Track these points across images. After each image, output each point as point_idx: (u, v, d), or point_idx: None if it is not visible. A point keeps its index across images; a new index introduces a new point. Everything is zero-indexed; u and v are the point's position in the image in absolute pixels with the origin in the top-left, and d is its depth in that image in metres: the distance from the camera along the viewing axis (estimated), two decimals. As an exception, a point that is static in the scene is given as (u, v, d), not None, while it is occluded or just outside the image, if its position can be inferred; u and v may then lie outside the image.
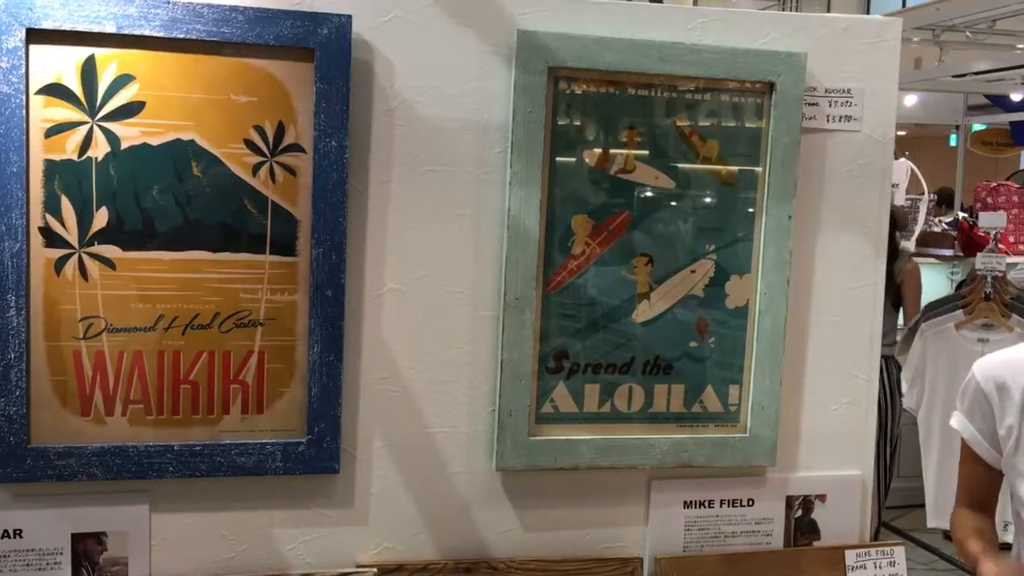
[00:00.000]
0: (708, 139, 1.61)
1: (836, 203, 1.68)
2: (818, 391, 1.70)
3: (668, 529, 1.66)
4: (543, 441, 1.59)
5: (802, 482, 1.71)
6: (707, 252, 1.63)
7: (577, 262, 1.59)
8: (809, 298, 1.68)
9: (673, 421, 1.64)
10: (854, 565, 1.68)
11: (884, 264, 1.71)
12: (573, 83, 1.55)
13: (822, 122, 1.65)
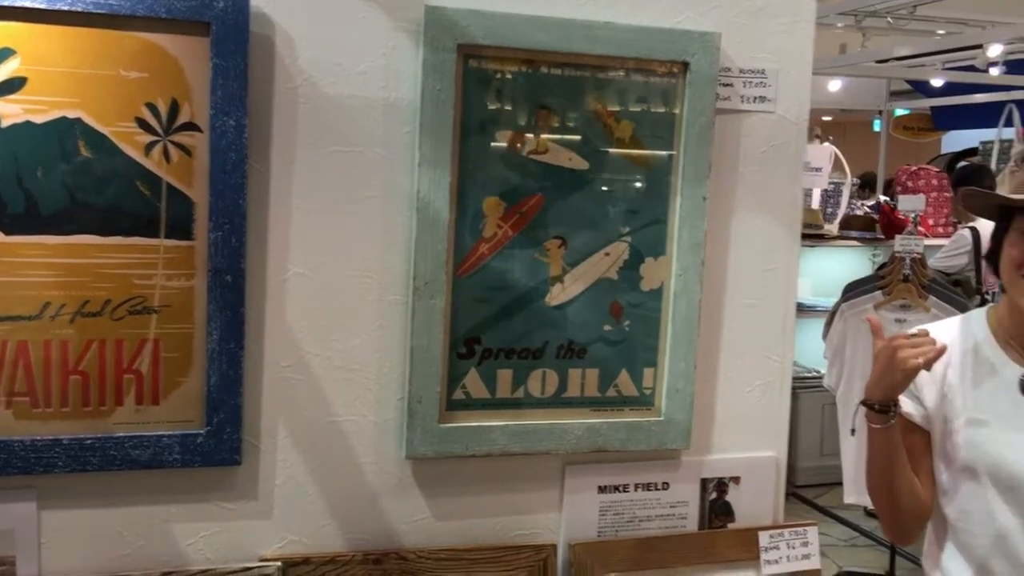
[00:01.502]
0: (622, 120, 1.58)
1: (750, 184, 1.67)
2: (733, 373, 1.70)
3: (582, 514, 1.65)
4: (454, 428, 1.55)
5: (717, 464, 1.70)
6: (621, 234, 1.60)
7: (488, 245, 1.55)
8: (724, 280, 1.68)
9: (587, 405, 1.62)
10: (767, 546, 1.69)
11: (798, 245, 1.71)
12: (484, 61, 1.51)
13: (736, 103, 1.63)
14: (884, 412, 1.61)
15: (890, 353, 1.58)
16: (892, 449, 1.64)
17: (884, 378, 1.59)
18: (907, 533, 1.73)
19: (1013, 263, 1.59)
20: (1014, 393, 1.64)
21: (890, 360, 1.57)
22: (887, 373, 1.59)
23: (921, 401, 1.68)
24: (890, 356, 1.58)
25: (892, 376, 1.58)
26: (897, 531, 1.73)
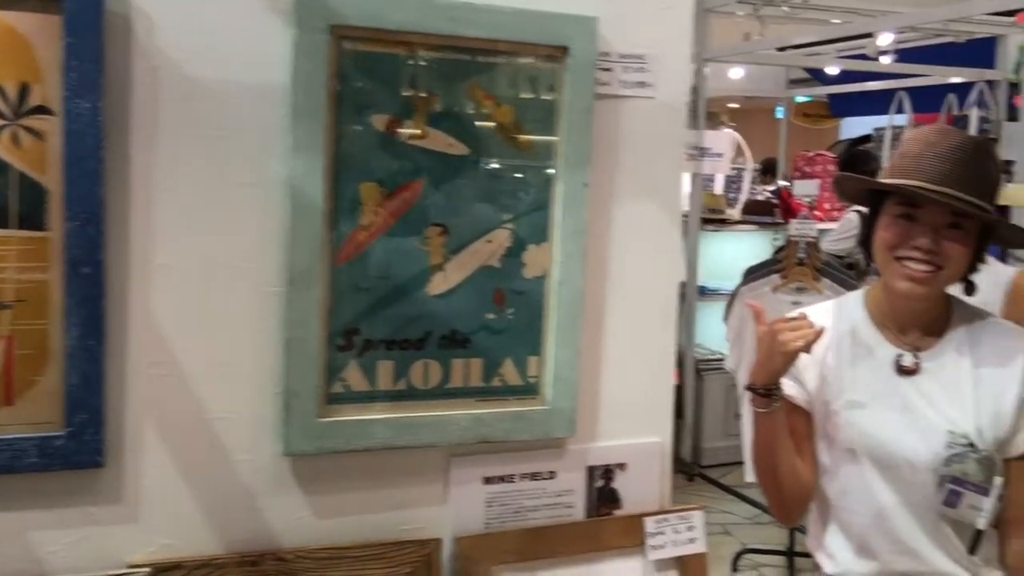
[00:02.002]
0: (503, 105, 1.55)
1: (632, 170, 1.66)
2: (617, 360, 1.69)
3: (468, 507, 1.62)
4: (334, 423, 1.51)
5: (603, 452, 1.70)
6: (503, 221, 1.58)
7: (366, 233, 1.51)
8: (607, 266, 1.67)
9: (471, 396, 1.60)
10: (653, 531, 1.69)
11: (679, 231, 1.71)
12: (358, 43, 1.46)
13: (616, 88, 1.62)
14: (767, 396, 1.63)
15: (771, 337, 1.60)
16: (776, 432, 1.66)
17: (766, 362, 1.61)
18: (791, 513, 1.76)
19: (886, 246, 1.63)
20: (890, 373, 1.68)
21: (771, 344, 1.60)
22: (768, 357, 1.61)
23: (803, 383, 1.71)
24: (771, 340, 1.60)
25: (773, 360, 1.60)
26: (782, 511, 1.76)
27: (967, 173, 1.57)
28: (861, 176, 1.81)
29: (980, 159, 1.60)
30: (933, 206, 1.58)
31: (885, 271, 1.65)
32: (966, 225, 1.59)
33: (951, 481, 1.58)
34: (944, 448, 1.58)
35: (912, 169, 1.59)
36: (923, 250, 1.58)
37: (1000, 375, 1.63)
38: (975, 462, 1.57)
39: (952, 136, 1.61)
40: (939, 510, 1.60)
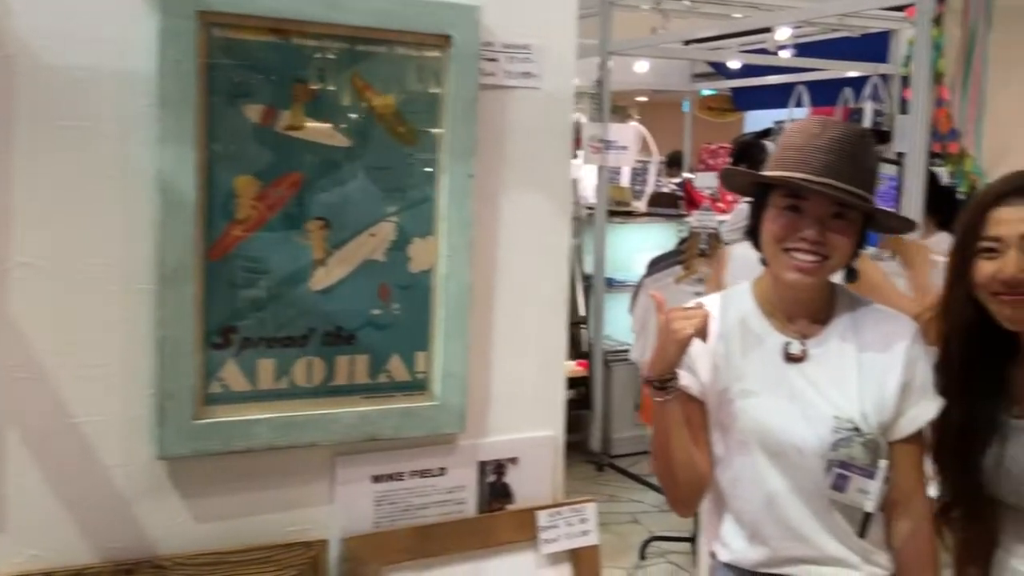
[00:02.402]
0: (384, 95, 1.52)
1: (519, 162, 1.64)
2: (508, 354, 1.68)
3: (356, 506, 1.59)
4: (211, 424, 1.45)
5: (494, 447, 1.68)
6: (387, 214, 1.54)
7: (243, 227, 1.45)
8: (495, 259, 1.65)
9: (357, 393, 1.56)
10: (545, 525, 1.68)
11: (569, 224, 1.71)
12: (228, 30, 1.41)
13: (501, 79, 1.60)
14: (663, 388, 1.63)
15: (665, 327, 1.60)
16: (672, 422, 1.67)
17: (660, 351, 1.62)
18: (688, 503, 1.78)
19: (774, 238, 1.65)
20: (778, 362, 1.70)
21: (665, 333, 1.60)
22: (663, 346, 1.61)
23: (696, 374, 1.72)
24: (664, 329, 1.60)
25: (667, 349, 1.60)
26: (678, 501, 1.77)
27: (848, 164, 1.60)
28: (746, 170, 1.83)
29: (860, 150, 1.63)
30: (817, 198, 1.60)
31: (773, 262, 1.67)
32: (849, 215, 1.63)
33: (838, 465, 1.61)
34: (831, 433, 1.61)
35: (796, 161, 1.61)
36: (809, 241, 1.60)
37: (882, 360, 1.66)
38: (861, 446, 1.61)
39: (833, 128, 1.64)
40: (828, 495, 1.63)
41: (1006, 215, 1.62)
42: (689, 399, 1.71)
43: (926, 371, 1.68)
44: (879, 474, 1.60)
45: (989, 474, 1.69)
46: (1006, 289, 1.60)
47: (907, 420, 1.66)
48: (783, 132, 1.73)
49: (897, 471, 1.65)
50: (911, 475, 1.68)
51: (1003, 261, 1.60)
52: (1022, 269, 1.58)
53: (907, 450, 1.67)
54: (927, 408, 1.67)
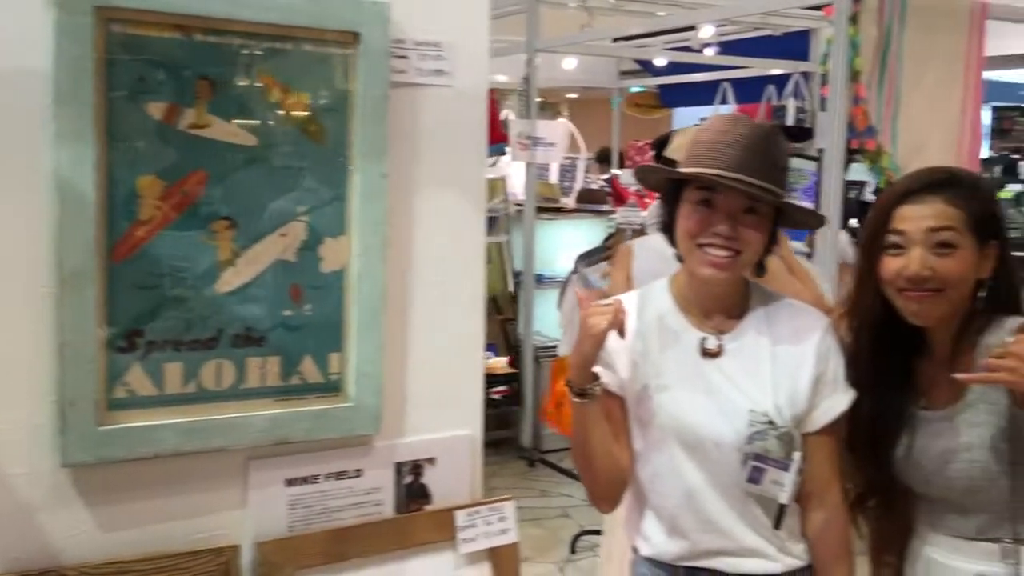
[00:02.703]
0: (292, 92, 1.49)
1: (432, 161, 1.63)
2: (424, 353, 1.67)
3: (270, 511, 1.56)
4: (117, 430, 1.42)
5: (411, 447, 1.67)
6: (297, 214, 1.52)
7: (146, 228, 1.42)
8: (410, 259, 1.64)
9: (269, 396, 1.53)
10: (464, 525, 1.68)
11: (484, 223, 1.70)
12: (128, 26, 1.37)
13: (413, 76, 1.59)
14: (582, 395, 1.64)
15: (581, 322, 1.61)
16: (591, 419, 1.68)
17: (578, 346, 1.62)
18: (609, 498, 1.78)
19: (687, 233, 1.67)
20: (695, 357, 1.72)
21: (583, 327, 1.61)
22: (580, 341, 1.62)
23: (615, 370, 1.73)
24: (581, 325, 1.61)
25: (584, 344, 1.61)
26: (600, 497, 1.78)
27: (759, 160, 1.62)
28: (659, 166, 1.85)
29: (770, 146, 1.66)
30: (729, 193, 1.62)
31: (688, 258, 1.69)
32: (761, 210, 1.65)
33: (753, 458, 1.63)
34: (746, 427, 1.63)
35: (707, 157, 1.63)
36: (722, 236, 1.62)
37: (795, 354, 1.69)
38: (775, 439, 1.63)
39: (742, 125, 1.66)
40: (744, 487, 1.65)
41: (910, 212, 1.65)
42: (608, 395, 1.72)
43: (838, 364, 1.72)
44: (793, 466, 1.63)
45: (900, 465, 1.73)
46: (911, 285, 1.63)
47: (820, 412, 1.69)
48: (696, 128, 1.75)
49: (811, 463, 1.68)
50: (825, 467, 1.71)
51: (908, 258, 1.63)
52: (926, 266, 1.62)
53: (821, 442, 1.70)
54: (839, 400, 1.71)
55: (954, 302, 1.64)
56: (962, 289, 1.64)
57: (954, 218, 1.62)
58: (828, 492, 1.71)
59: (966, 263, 1.62)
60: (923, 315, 1.65)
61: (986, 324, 1.65)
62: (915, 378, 1.75)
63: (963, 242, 1.62)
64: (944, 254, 1.61)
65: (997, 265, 1.67)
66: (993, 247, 1.66)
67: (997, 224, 1.67)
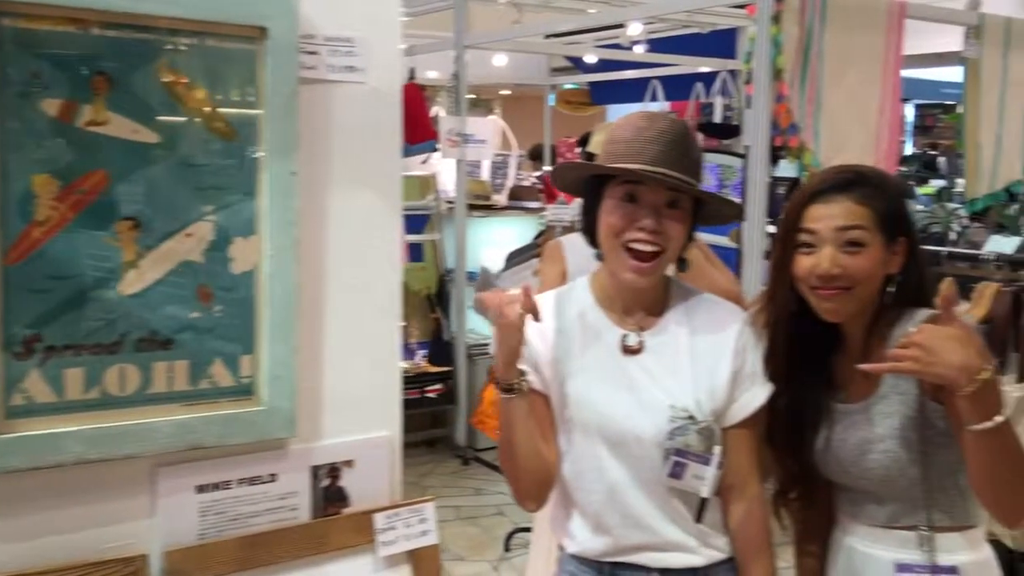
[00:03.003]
0: (196, 88, 1.45)
1: (346, 159, 1.60)
2: (339, 355, 1.64)
3: (180, 518, 1.52)
4: (15, 439, 1.36)
5: (328, 450, 1.64)
6: (205, 213, 1.48)
7: (43, 229, 1.37)
8: (324, 259, 1.60)
9: (177, 401, 1.49)
10: (383, 527, 1.66)
11: (400, 221, 1.68)
12: (20, 20, 1.32)
13: (324, 73, 1.56)
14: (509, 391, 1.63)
15: (497, 316, 1.60)
16: (516, 417, 1.66)
17: (500, 342, 1.61)
18: (535, 498, 1.77)
19: (612, 230, 1.66)
20: (617, 354, 1.72)
21: (499, 320, 1.59)
22: (502, 336, 1.60)
23: (538, 368, 1.72)
24: (498, 319, 1.59)
25: (504, 335, 1.60)
26: (525, 496, 1.77)
27: (678, 154, 1.64)
28: (581, 163, 1.84)
29: (687, 141, 1.68)
30: (653, 187, 1.63)
31: (612, 258, 1.69)
32: (682, 203, 1.66)
33: (675, 453, 1.64)
34: (667, 423, 1.64)
35: (627, 153, 1.64)
36: (648, 230, 1.63)
37: (714, 349, 1.70)
38: (696, 433, 1.64)
39: (660, 121, 1.67)
40: (666, 483, 1.65)
41: (821, 211, 1.67)
42: (534, 393, 1.71)
43: (755, 358, 1.73)
44: (714, 460, 1.64)
45: (819, 456, 1.75)
46: (822, 283, 1.66)
47: (739, 406, 1.71)
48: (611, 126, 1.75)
49: (731, 456, 1.69)
50: (744, 460, 1.72)
51: (819, 256, 1.66)
52: (836, 264, 1.64)
53: (740, 435, 1.72)
54: (757, 394, 1.72)
55: (864, 298, 1.67)
56: (872, 285, 1.67)
57: (862, 217, 1.65)
58: (748, 484, 1.73)
59: (875, 260, 1.65)
60: (835, 312, 1.68)
61: (897, 317, 1.68)
62: (833, 372, 1.77)
63: (871, 240, 1.65)
64: (853, 252, 1.64)
65: (906, 260, 1.70)
66: (901, 243, 1.69)
67: (905, 221, 1.70)
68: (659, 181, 1.61)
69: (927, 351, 1.46)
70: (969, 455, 1.53)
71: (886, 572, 1.69)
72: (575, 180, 1.80)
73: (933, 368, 1.46)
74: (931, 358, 1.45)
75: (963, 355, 1.44)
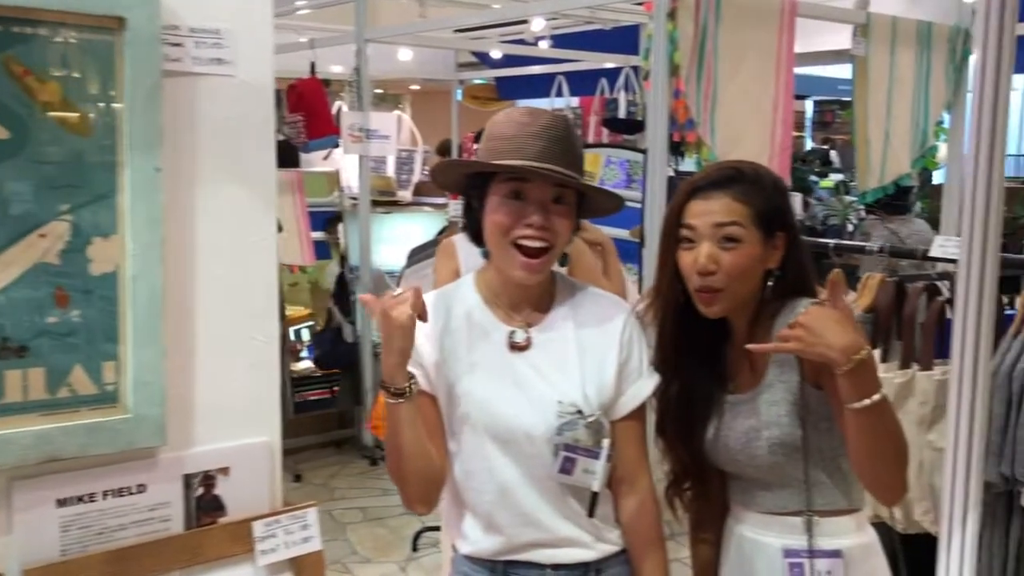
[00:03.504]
0: (48, 81, 1.37)
1: (216, 154, 1.54)
2: (213, 358, 1.57)
3: (39, 535, 1.43)
4: None
5: (201, 458, 1.57)
6: (60, 212, 1.40)
7: None
8: (193, 258, 1.54)
9: (34, 411, 1.41)
10: (262, 535, 1.60)
11: (274, 219, 1.62)
12: None
13: (189, 65, 1.49)
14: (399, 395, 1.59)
15: (383, 318, 1.56)
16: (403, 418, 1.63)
17: (389, 345, 1.58)
18: (424, 500, 1.74)
19: (500, 228, 1.64)
20: (504, 352, 1.70)
21: (386, 324, 1.56)
22: (389, 339, 1.57)
23: (425, 368, 1.70)
24: (384, 320, 1.56)
25: (391, 337, 1.56)
26: (414, 499, 1.74)
27: (562, 149, 1.63)
28: (464, 160, 1.82)
29: (569, 136, 1.68)
30: (539, 183, 1.62)
31: (501, 256, 1.67)
32: (567, 199, 1.66)
33: (564, 449, 1.63)
34: (556, 418, 1.64)
35: (512, 149, 1.62)
36: (536, 227, 1.62)
37: (600, 342, 1.71)
38: (584, 428, 1.64)
39: (542, 117, 1.66)
40: (557, 479, 1.65)
41: (699, 208, 1.70)
42: (421, 394, 1.68)
43: (641, 349, 1.75)
44: (603, 454, 1.64)
45: (709, 447, 1.78)
46: (700, 278, 1.68)
47: (626, 399, 1.71)
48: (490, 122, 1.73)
49: (620, 449, 1.69)
50: (634, 451, 1.73)
51: (697, 251, 1.68)
52: (712, 259, 1.67)
53: (628, 427, 1.72)
54: (643, 386, 1.73)
55: (742, 293, 1.71)
56: (750, 280, 1.71)
57: (739, 213, 1.68)
58: (638, 477, 1.73)
59: (751, 256, 1.69)
60: (713, 307, 1.70)
61: (779, 308, 1.72)
62: (721, 363, 1.80)
63: (748, 236, 1.68)
64: (730, 248, 1.68)
65: (785, 255, 1.73)
66: (780, 239, 1.72)
67: (783, 216, 1.74)
68: (545, 177, 1.61)
69: (810, 332, 1.50)
70: (850, 435, 1.58)
71: (775, 558, 1.73)
72: (457, 178, 1.78)
73: (815, 348, 1.50)
74: (814, 338, 1.50)
75: (843, 336, 1.49)
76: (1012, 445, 2.50)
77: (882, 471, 1.61)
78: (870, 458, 1.58)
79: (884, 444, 1.56)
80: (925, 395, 2.72)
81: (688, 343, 1.79)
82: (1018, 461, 2.49)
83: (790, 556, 1.71)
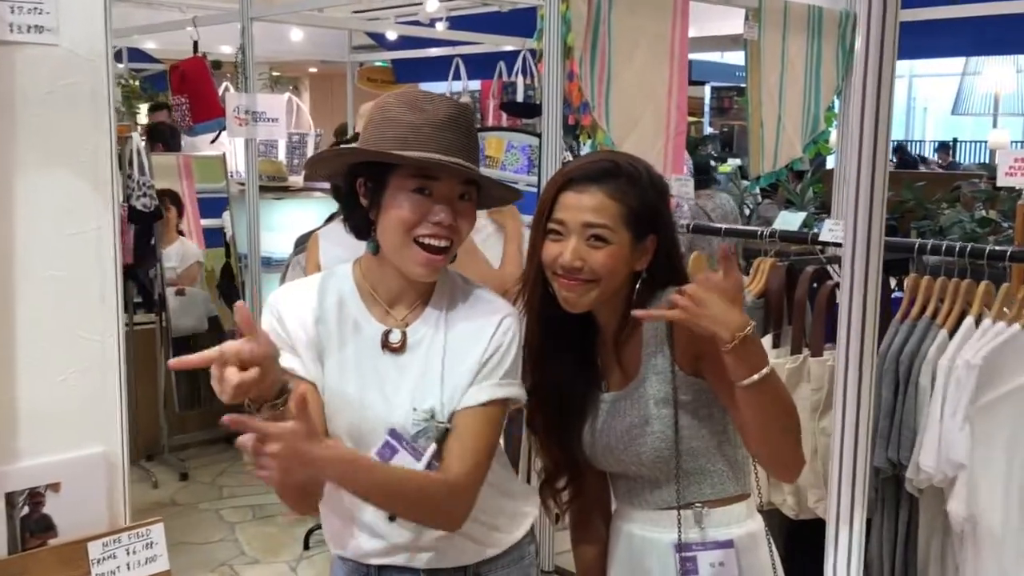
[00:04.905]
0: None
1: (38, 132, 1.39)
2: (37, 361, 1.42)
3: None
4: None
5: (26, 473, 1.42)
6: None
7: None
8: (12, 249, 1.38)
9: None
10: (100, 557, 1.46)
11: (111, 205, 1.47)
12: None
13: (5, 32, 1.33)
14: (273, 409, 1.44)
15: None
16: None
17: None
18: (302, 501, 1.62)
19: (404, 225, 1.53)
20: (376, 350, 1.61)
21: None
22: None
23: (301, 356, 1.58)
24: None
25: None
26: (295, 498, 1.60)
27: (469, 142, 1.56)
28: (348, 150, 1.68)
29: (472, 126, 1.59)
30: (448, 180, 1.53)
31: (399, 253, 1.56)
32: (471, 194, 1.58)
33: (390, 434, 1.55)
34: (411, 425, 1.56)
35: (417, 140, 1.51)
36: (443, 225, 1.53)
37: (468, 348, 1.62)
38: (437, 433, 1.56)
39: (444, 104, 1.56)
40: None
41: (571, 200, 1.64)
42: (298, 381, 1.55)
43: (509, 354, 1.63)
44: (424, 458, 1.55)
45: (589, 448, 1.74)
46: (564, 272, 1.63)
47: (467, 397, 1.59)
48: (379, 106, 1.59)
49: (448, 441, 1.57)
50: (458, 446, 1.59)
51: (563, 245, 1.62)
52: (578, 257, 1.61)
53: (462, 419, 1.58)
54: (490, 390, 1.60)
55: (605, 292, 1.66)
56: (614, 281, 1.65)
57: (611, 213, 1.62)
58: (451, 464, 1.57)
59: (617, 257, 1.63)
60: (573, 302, 1.65)
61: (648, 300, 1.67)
62: (594, 360, 1.75)
63: (616, 238, 1.63)
64: (597, 246, 1.62)
65: (654, 259, 1.67)
66: (651, 241, 1.67)
67: (656, 219, 1.68)
68: (456, 173, 1.52)
69: (697, 302, 1.47)
70: (743, 413, 1.54)
71: (665, 554, 1.69)
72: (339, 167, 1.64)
73: (700, 320, 1.47)
74: (700, 309, 1.47)
75: (728, 311, 1.46)
76: (899, 430, 2.50)
77: (778, 447, 1.58)
78: (765, 434, 1.55)
79: (778, 417, 1.53)
80: (818, 380, 2.71)
81: (555, 338, 1.73)
82: (903, 446, 2.49)
83: (682, 550, 1.68)
